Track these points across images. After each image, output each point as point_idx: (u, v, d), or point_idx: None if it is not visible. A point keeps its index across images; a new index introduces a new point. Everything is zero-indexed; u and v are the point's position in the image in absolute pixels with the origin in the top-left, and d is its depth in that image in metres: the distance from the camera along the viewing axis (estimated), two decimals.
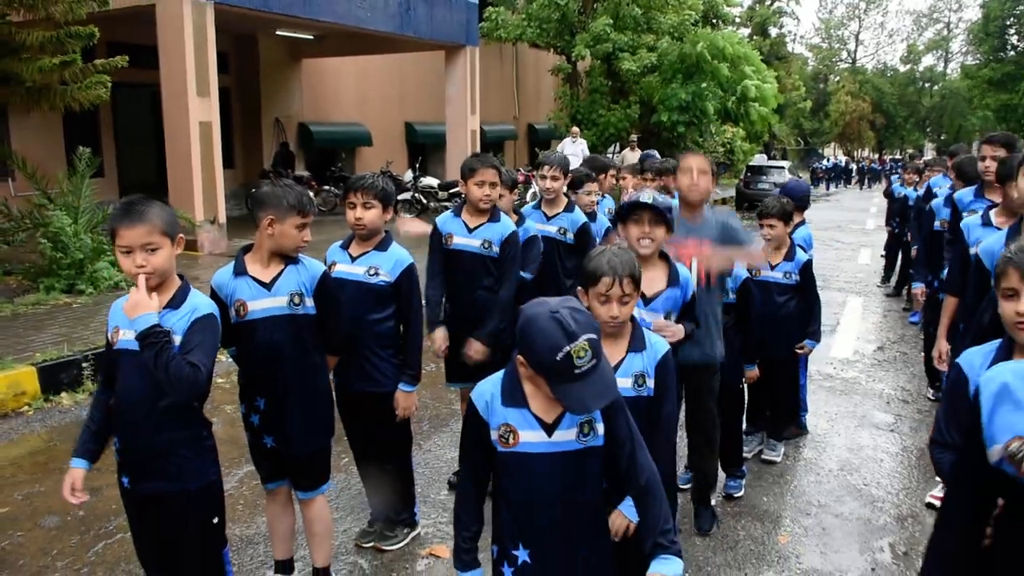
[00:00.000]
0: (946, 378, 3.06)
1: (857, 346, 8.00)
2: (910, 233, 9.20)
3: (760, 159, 29.92)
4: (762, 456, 5.07)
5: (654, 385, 2.64)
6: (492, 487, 2.28)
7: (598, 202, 5.57)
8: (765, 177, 25.18)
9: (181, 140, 11.77)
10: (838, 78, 66.70)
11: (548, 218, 4.94)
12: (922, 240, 6.36)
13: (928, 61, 67.81)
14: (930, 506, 4.39)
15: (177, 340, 2.51)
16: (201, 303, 2.61)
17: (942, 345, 4.21)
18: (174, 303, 2.57)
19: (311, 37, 17.14)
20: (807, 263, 4.91)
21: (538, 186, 5.04)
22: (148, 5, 11.51)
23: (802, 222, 5.50)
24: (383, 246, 3.62)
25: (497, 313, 4.18)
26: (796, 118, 52.96)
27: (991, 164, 4.77)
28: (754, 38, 43.38)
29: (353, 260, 3.62)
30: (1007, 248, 2.34)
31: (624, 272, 2.53)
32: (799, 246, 5.05)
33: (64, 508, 4.30)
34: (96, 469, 4.86)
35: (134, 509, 2.75)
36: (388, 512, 3.93)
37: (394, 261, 3.59)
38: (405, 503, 3.98)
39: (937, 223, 5.85)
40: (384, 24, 15.11)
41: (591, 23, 21.00)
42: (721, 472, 4.50)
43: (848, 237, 18.06)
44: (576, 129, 18.52)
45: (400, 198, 16.82)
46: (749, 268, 4.63)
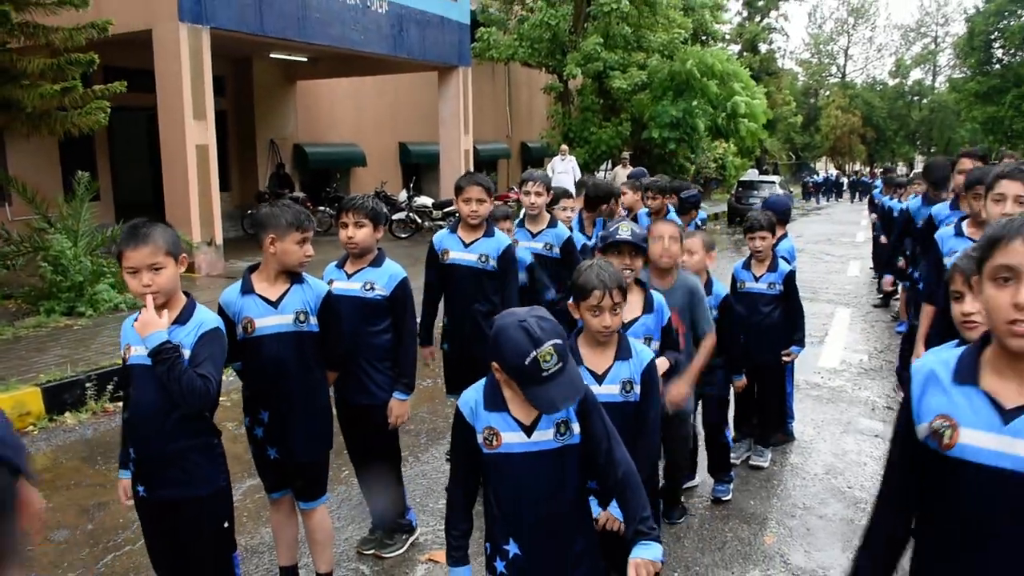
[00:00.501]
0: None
1: (844, 356, 8.16)
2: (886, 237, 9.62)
3: (751, 174, 30.22)
4: (750, 462, 5.23)
5: (640, 391, 2.81)
6: (483, 488, 2.43)
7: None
8: (756, 192, 25.40)
9: (178, 163, 11.93)
10: (828, 93, 67.20)
11: (533, 235, 5.12)
12: (893, 243, 6.95)
13: (916, 75, 68.45)
14: None
15: (186, 354, 2.67)
16: (207, 318, 2.77)
17: (920, 351, 4.37)
18: (181, 319, 2.73)
19: (305, 59, 17.39)
20: (790, 273, 5.10)
21: (522, 202, 5.22)
22: (145, 30, 11.70)
23: (784, 235, 5.70)
24: (377, 262, 3.79)
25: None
26: (787, 133, 53.39)
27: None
28: (744, 55, 43.82)
29: (349, 277, 3.78)
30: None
31: (613, 284, 2.71)
32: (782, 258, 5.25)
33: (73, 523, 4.43)
34: (100, 485, 5.03)
35: (150, 517, 2.88)
36: (389, 519, 4.07)
37: (388, 276, 3.76)
38: (400, 506, 4.11)
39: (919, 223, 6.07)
40: (378, 46, 15.34)
41: (582, 42, 21.28)
42: (710, 477, 4.68)
43: (838, 250, 18.27)
44: (565, 147, 18.75)
45: (395, 218, 17.01)
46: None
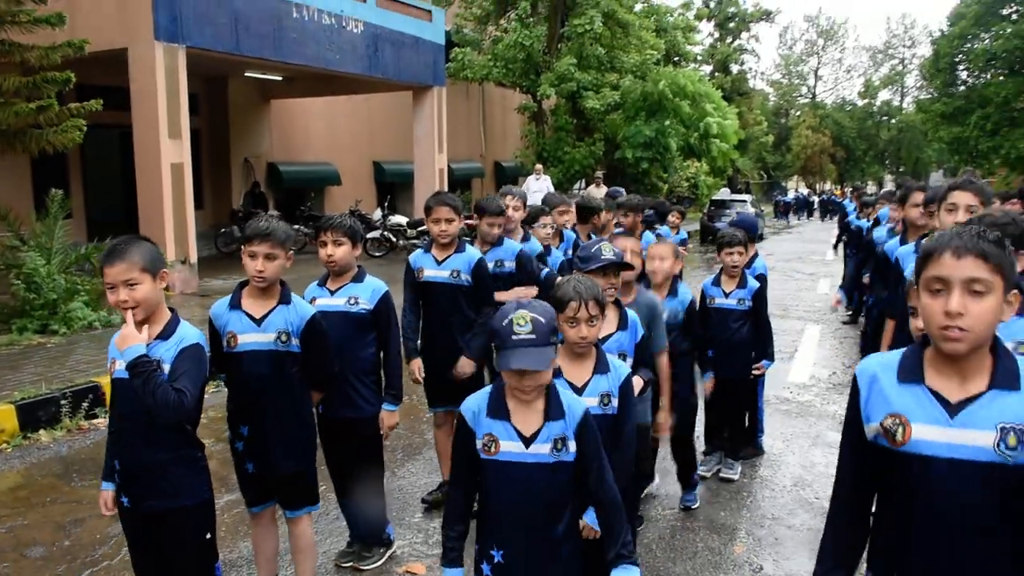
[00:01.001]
0: None
1: (813, 371, 8.32)
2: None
3: (723, 193, 30.55)
4: (720, 474, 5.34)
5: (617, 404, 2.91)
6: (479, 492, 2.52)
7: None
8: (728, 211, 25.67)
9: (152, 182, 11.92)
10: (799, 113, 68.20)
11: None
12: (854, 264, 7.39)
13: (885, 96, 69.66)
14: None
15: (166, 368, 2.72)
16: (189, 334, 2.82)
17: None
18: (164, 334, 2.78)
19: (280, 78, 17.44)
20: (758, 290, 5.23)
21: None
22: (120, 49, 11.72)
23: (755, 254, 5.84)
24: (359, 278, 3.89)
25: (481, 331, 4.46)
26: (759, 152, 54.10)
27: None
28: (716, 75, 44.44)
29: (332, 293, 3.88)
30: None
31: (589, 296, 2.79)
32: (759, 275, 5.45)
33: (50, 539, 4.43)
34: (76, 502, 5.04)
35: (134, 527, 2.93)
36: (372, 531, 4.13)
37: (371, 290, 3.86)
38: (381, 519, 4.18)
39: (878, 249, 6.23)
40: (353, 66, 15.44)
41: (556, 63, 21.54)
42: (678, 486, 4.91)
43: (808, 268, 18.54)
44: (540, 166, 18.93)
45: (369, 236, 17.05)
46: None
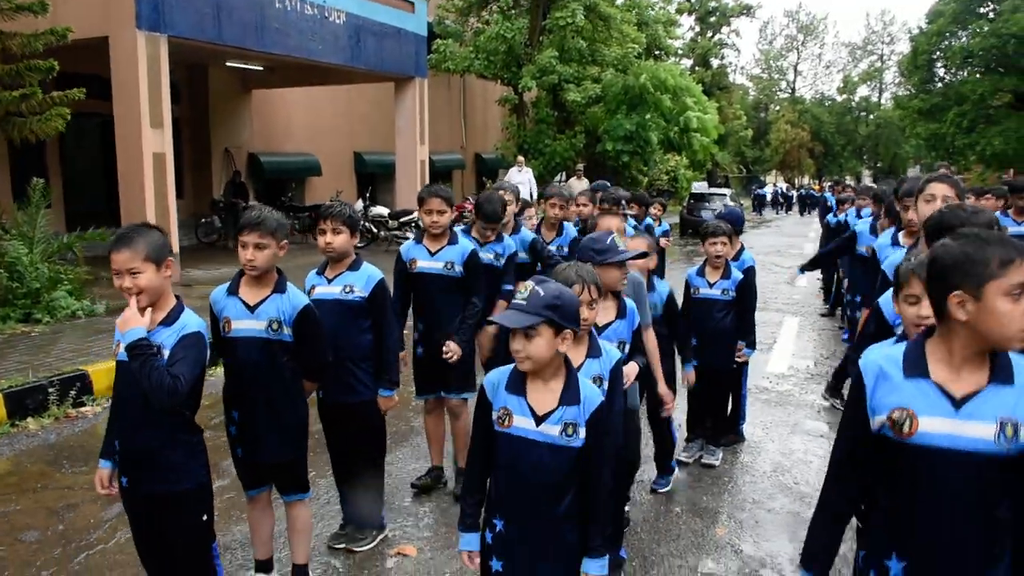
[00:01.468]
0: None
1: (792, 362, 8.48)
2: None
3: (701, 186, 30.76)
4: (702, 461, 5.48)
5: (608, 387, 3.02)
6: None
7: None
8: (708, 204, 25.89)
9: (134, 172, 11.89)
10: (778, 107, 68.60)
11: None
12: (828, 251, 7.88)
13: (863, 91, 70.17)
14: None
15: (166, 354, 2.79)
16: (191, 321, 2.88)
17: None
18: (168, 320, 2.84)
19: (261, 68, 17.38)
20: (741, 281, 5.36)
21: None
22: (101, 37, 11.67)
23: (742, 247, 5.95)
24: (355, 266, 3.98)
25: (472, 320, 4.57)
26: (738, 146, 54.40)
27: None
28: (696, 69, 44.67)
29: (330, 281, 3.96)
30: (906, 260, 2.78)
31: (590, 279, 3.00)
32: (746, 269, 5.57)
33: (43, 524, 4.48)
34: (68, 488, 5.09)
35: (132, 507, 3.00)
36: (365, 514, 4.22)
37: (367, 278, 3.94)
38: (377, 505, 4.27)
39: (862, 248, 6.36)
40: (335, 56, 15.43)
41: (537, 55, 21.60)
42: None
43: (787, 261, 18.73)
44: (521, 158, 19.01)
45: None
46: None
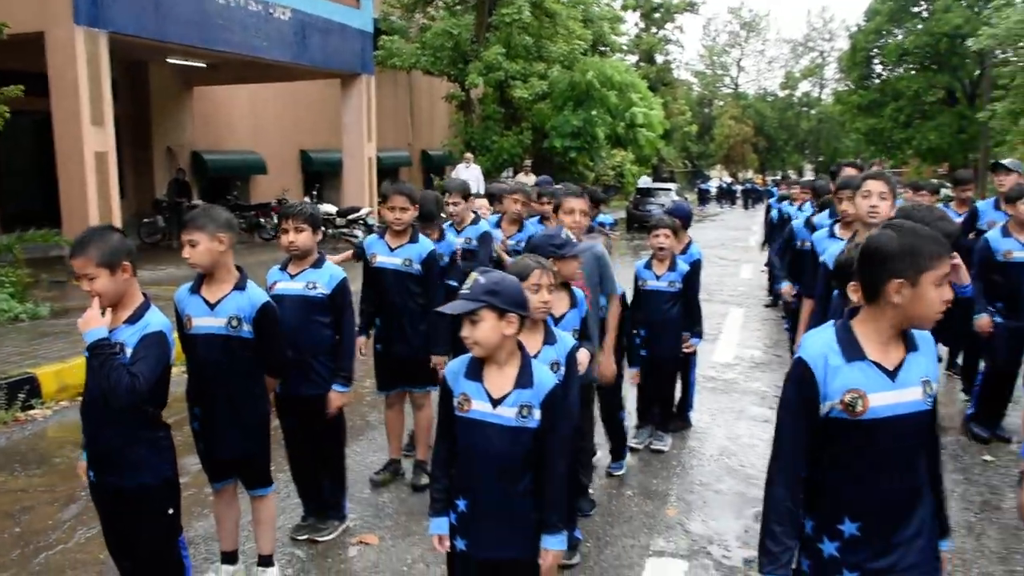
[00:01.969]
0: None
1: (737, 351, 8.72)
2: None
3: (647, 181, 31.15)
4: (651, 446, 5.64)
5: (564, 372, 3.17)
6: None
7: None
8: (653, 199, 26.29)
9: (75, 170, 11.69)
10: (722, 103, 69.54)
11: (458, 232, 5.67)
12: (779, 251, 7.53)
13: (805, 87, 71.36)
14: None
15: (129, 352, 2.83)
16: (154, 320, 2.92)
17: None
18: (132, 319, 2.90)
19: (204, 65, 17.17)
20: (687, 273, 5.53)
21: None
22: (37, 33, 11.43)
23: (690, 241, 6.10)
24: (318, 264, 4.06)
25: (437, 327, 4.70)
26: (683, 141, 55.12)
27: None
28: (641, 65, 45.08)
29: (292, 277, 4.04)
30: (848, 252, 3.00)
31: (547, 265, 3.22)
32: (693, 261, 5.75)
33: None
34: (23, 491, 5.04)
35: (99, 500, 3.04)
36: (332, 503, 4.30)
37: (329, 275, 4.04)
38: (339, 496, 4.35)
39: (798, 242, 6.60)
40: (280, 53, 15.32)
41: (484, 52, 21.64)
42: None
43: (732, 254, 19.14)
44: (469, 155, 19.05)
45: None
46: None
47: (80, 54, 11.38)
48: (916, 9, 37.82)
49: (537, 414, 2.60)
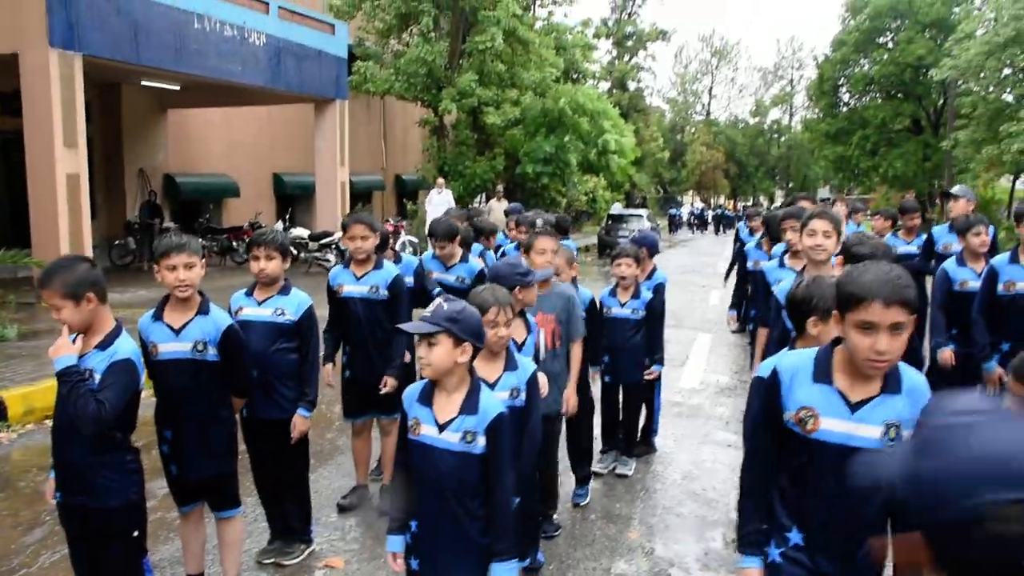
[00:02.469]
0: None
1: (704, 377, 8.86)
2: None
3: (617, 207, 31.44)
4: (616, 471, 5.74)
5: (525, 397, 3.25)
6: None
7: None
8: (625, 225, 26.49)
9: (46, 191, 11.64)
10: (694, 129, 70.30)
11: (447, 268, 5.79)
12: (737, 279, 7.88)
13: (775, 114, 72.31)
14: None
15: (98, 378, 2.91)
16: (123, 348, 3.00)
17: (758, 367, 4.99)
18: (102, 345, 2.97)
19: (178, 87, 17.18)
20: (650, 300, 5.65)
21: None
22: (11, 54, 11.43)
23: (654, 268, 6.24)
24: (285, 291, 4.14)
25: (401, 350, 4.77)
26: (655, 167, 55.67)
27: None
28: (614, 92, 45.59)
29: (260, 304, 4.11)
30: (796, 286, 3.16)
31: (505, 302, 3.23)
32: (656, 286, 5.86)
33: None
34: None
35: (66, 520, 3.11)
36: (298, 527, 4.35)
37: (297, 303, 4.12)
38: (305, 519, 4.41)
39: (751, 263, 6.92)
40: (255, 78, 15.40)
41: (457, 78, 21.87)
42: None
43: (702, 280, 19.34)
44: (441, 180, 19.17)
45: None
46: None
47: (54, 76, 11.39)
48: (881, 40, 38.58)
49: (481, 440, 2.69)
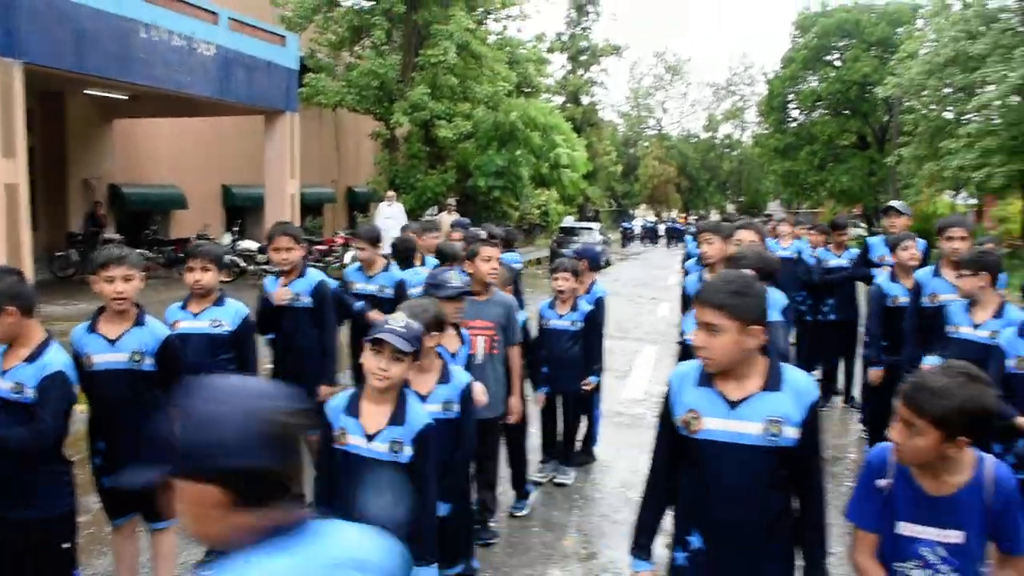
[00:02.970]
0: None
1: (647, 387, 8.99)
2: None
3: (569, 220, 31.70)
4: (555, 480, 5.82)
5: (459, 409, 3.31)
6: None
7: None
8: (576, 238, 26.65)
9: None
10: (646, 143, 71.05)
11: (369, 278, 5.81)
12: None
13: (727, 129, 73.28)
14: None
15: (28, 392, 2.91)
16: (53, 360, 3.01)
17: None
18: (31, 358, 2.98)
19: (125, 97, 16.95)
20: (590, 313, 5.75)
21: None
22: None
23: (594, 281, 6.33)
24: (221, 301, 4.17)
25: (331, 358, 4.81)
26: (608, 181, 56.12)
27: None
28: (568, 106, 45.89)
29: (196, 316, 4.13)
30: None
31: (433, 313, 3.30)
32: (596, 300, 5.96)
33: None
34: None
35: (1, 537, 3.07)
36: None
37: (234, 312, 4.15)
38: None
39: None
40: (204, 88, 15.25)
41: (409, 91, 21.89)
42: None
43: (651, 292, 19.60)
44: (392, 193, 19.12)
45: None
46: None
47: None
48: (829, 58, 39.52)
49: (408, 450, 2.76)
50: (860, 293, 7.57)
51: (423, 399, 3.24)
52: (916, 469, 2.30)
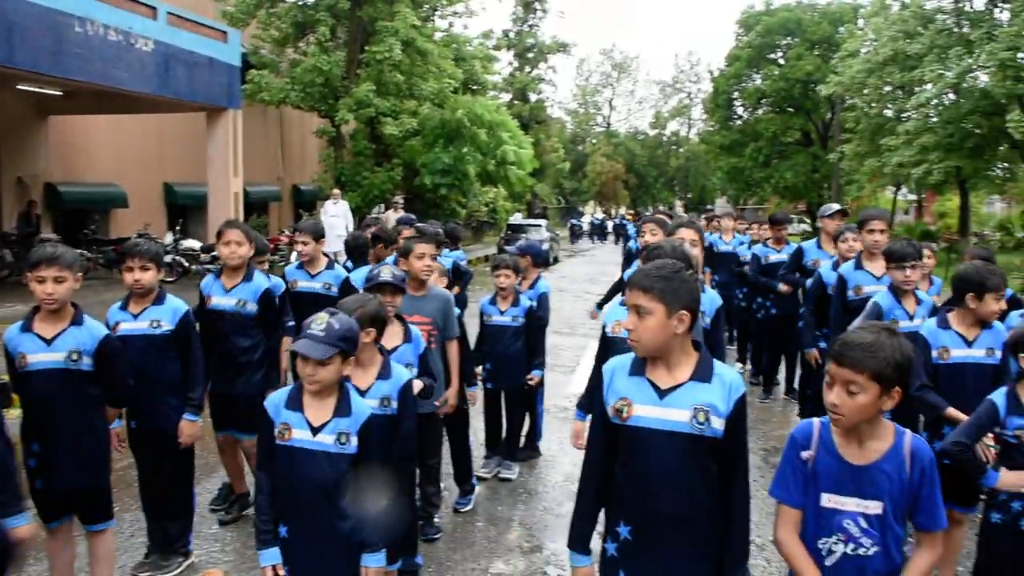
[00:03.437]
0: None
1: None
2: None
3: (518, 217, 31.78)
4: (499, 475, 5.85)
5: (397, 406, 3.32)
6: None
7: None
8: (525, 235, 26.77)
9: None
10: (594, 140, 71.42)
11: (312, 276, 5.74)
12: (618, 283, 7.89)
13: (673, 126, 73.94)
14: None
15: None
16: None
17: None
18: None
19: (60, 93, 16.53)
20: (532, 308, 5.79)
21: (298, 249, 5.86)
22: None
23: (538, 277, 6.38)
24: (160, 300, 4.10)
25: (277, 366, 4.77)
26: (556, 178, 56.36)
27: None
28: (515, 103, 45.96)
29: (135, 317, 4.05)
30: None
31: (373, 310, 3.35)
32: (540, 296, 6.03)
33: None
34: None
35: None
36: (177, 537, 4.29)
37: (172, 311, 4.08)
38: (184, 530, 4.35)
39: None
40: (142, 84, 14.95)
41: (354, 88, 21.70)
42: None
43: (598, 288, 19.63)
44: (337, 191, 18.97)
45: None
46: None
47: None
48: (772, 56, 40.18)
49: (355, 441, 2.76)
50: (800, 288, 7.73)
51: (362, 394, 3.24)
52: (841, 438, 2.38)
